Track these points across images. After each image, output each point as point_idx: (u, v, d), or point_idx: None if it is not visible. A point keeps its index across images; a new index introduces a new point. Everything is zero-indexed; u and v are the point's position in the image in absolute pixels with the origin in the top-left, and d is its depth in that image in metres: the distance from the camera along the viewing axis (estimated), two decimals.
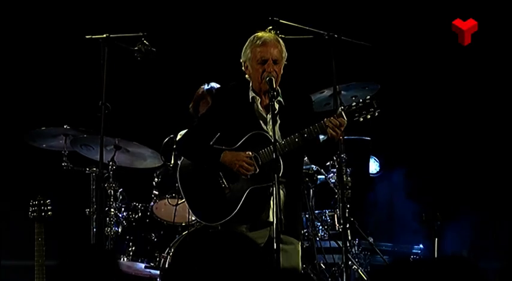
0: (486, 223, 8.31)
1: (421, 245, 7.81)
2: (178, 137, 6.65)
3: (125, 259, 6.67)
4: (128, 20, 7.83)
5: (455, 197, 8.28)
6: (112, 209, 6.55)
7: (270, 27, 5.97)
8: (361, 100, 5.12)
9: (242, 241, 2.76)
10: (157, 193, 6.65)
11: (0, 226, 7.92)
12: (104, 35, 5.88)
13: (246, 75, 5.22)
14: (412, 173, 8.36)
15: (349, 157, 6.72)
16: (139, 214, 6.73)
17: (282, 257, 4.83)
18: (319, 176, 6.88)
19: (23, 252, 6.75)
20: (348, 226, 6.15)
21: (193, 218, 6.41)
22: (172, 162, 6.59)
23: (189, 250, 2.76)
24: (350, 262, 6.52)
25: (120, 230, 6.65)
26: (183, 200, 5.92)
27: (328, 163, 6.87)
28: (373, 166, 8.34)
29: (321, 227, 6.89)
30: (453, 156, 8.41)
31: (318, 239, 6.81)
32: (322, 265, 6.77)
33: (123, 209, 6.69)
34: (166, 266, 6.34)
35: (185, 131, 6.62)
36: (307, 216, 6.73)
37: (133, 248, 6.69)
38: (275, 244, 4.75)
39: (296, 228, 5.23)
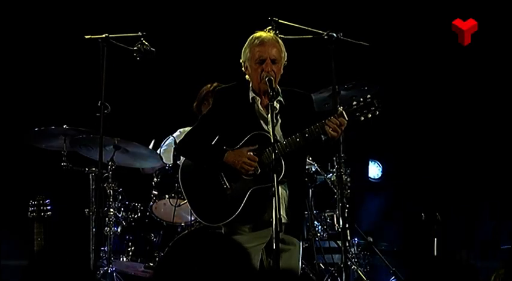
0: (486, 222, 8.31)
1: None
2: (177, 134, 6.66)
3: (124, 259, 6.67)
4: (127, 20, 7.84)
5: (455, 197, 8.28)
6: (111, 209, 6.55)
7: (270, 27, 5.97)
8: (361, 99, 5.09)
9: (228, 243, 2.76)
10: (156, 193, 6.65)
11: (0, 226, 7.93)
12: (103, 35, 5.88)
13: (246, 76, 5.21)
14: (412, 172, 8.37)
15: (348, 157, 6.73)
16: (139, 214, 6.73)
17: (282, 257, 4.83)
18: (318, 176, 6.88)
19: (23, 252, 6.76)
20: (347, 226, 6.14)
21: (192, 218, 6.42)
22: (171, 162, 6.60)
23: (176, 252, 2.76)
24: (349, 262, 6.52)
25: (119, 230, 6.65)
26: (184, 200, 5.92)
27: (328, 163, 6.88)
28: (375, 171, 8.29)
29: (320, 227, 6.89)
30: (453, 156, 8.42)
31: (317, 239, 6.81)
32: (321, 265, 6.77)
33: (122, 209, 6.69)
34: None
35: (183, 129, 6.64)
36: (306, 216, 6.73)
37: (133, 248, 6.69)
38: (274, 244, 4.74)
39: (299, 228, 5.22)
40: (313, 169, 6.85)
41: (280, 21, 5.94)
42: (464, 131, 8.42)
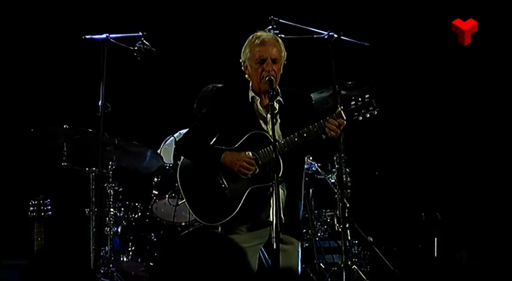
0: (485, 222, 8.30)
1: None
2: (176, 135, 6.66)
3: (124, 258, 6.67)
4: (128, 20, 7.84)
5: (455, 197, 8.28)
6: (112, 209, 6.56)
7: (270, 27, 5.98)
8: (360, 99, 5.10)
9: (224, 242, 2.76)
10: (156, 192, 6.66)
11: (0, 226, 7.93)
12: (104, 35, 5.88)
13: (246, 75, 5.22)
14: (412, 173, 8.36)
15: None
16: (139, 214, 6.73)
17: (281, 257, 4.83)
18: (318, 176, 6.88)
19: (23, 252, 6.75)
20: (347, 225, 6.15)
21: (192, 218, 6.42)
22: (171, 162, 6.60)
23: (173, 251, 2.77)
24: (349, 262, 6.52)
25: (119, 230, 6.65)
26: (183, 200, 5.93)
27: (329, 163, 6.88)
28: None
29: (320, 227, 6.89)
30: (453, 156, 8.41)
31: (317, 239, 6.80)
32: (321, 265, 6.77)
33: (122, 209, 6.69)
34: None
35: (184, 130, 6.64)
36: (306, 216, 6.73)
37: (133, 248, 6.69)
38: (275, 244, 4.75)
39: (297, 228, 5.23)
40: (313, 169, 6.85)
41: (280, 21, 5.95)
42: (464, 131, 8.41)
